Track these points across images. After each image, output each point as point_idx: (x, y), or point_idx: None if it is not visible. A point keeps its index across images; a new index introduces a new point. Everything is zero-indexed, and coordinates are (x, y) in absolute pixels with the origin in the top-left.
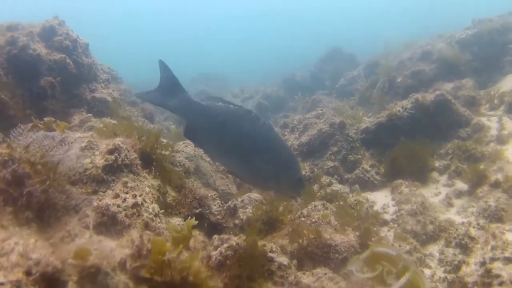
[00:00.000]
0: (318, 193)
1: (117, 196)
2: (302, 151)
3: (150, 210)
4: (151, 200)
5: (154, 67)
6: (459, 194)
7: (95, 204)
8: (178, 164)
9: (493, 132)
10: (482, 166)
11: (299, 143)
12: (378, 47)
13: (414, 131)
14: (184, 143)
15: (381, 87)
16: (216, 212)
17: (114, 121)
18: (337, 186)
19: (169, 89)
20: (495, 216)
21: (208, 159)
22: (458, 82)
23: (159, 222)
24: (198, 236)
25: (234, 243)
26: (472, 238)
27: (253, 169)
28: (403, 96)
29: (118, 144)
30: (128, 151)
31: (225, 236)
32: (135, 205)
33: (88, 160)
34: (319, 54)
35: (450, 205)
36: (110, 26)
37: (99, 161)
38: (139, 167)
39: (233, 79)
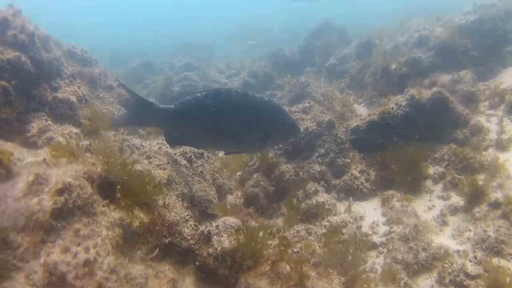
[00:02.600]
0: (303, 204)
1: (67, 250)
2: (287, 150)
3: (105, 266)
4: (107, 251)
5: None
6: (455, 211)
7: (42, 260)
8: (148, 179)
9: (492, 135)
10: (480, 182)
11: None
12: (371, 19)
13: (408, 131)
14: (158, 143)
15: (374, 72)
16: (188, 237)
17: (77, 131)
18: (323, 197)
19: (137, 108)
20: (494, 249)
21: (184, 162)
22: (456, 74)
23: (115, 281)
24: (167, 272)
25: None
26: (468, 275)
27: (244, 140)
28: (398, 85)
29: (69, 182)
30: (82, 188)
31: None
32: (87, 262)
33: (35, 200)
34: (308, 27)
35: (445, 223)
36: None
37: (47, 203)
38: (95, 205)
39: (218, 49)
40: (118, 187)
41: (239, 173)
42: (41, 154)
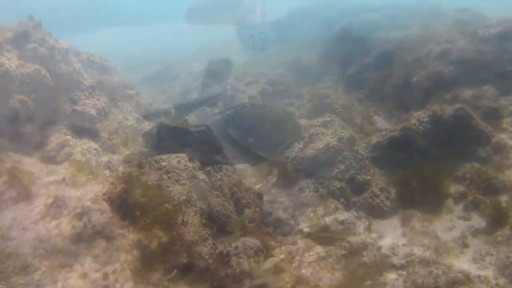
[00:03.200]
0: (322, 222)
1: (85, 276)
2: (307, 165)
3: None
4: (126, 277)
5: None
6: (476, 232)
7: (60, 285)
8: (167, 198)
9: None
10: (504, 204)
11: (303, 156)
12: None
13: (430, 147)
14: (177, 156)
15: (394, 83)
16: (207, 256)
17: (96, 146)
18: (342, 215)
19: (174, 138)
20: None
21: (203, 176)
22: (478, 89)
23: None
24: None
25: None
26: None
27: (266, 149)
28: (419, 98)
29: (88, 207)
30: (101, 213)
31: None
32: None
33: (54, 224)
34: (326, 35)
35: (465, 245)
36: None
37: (66, 227)
38: (114, 228)
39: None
40: (138, 207)
41: (258, 186)
42: (60, 173)
